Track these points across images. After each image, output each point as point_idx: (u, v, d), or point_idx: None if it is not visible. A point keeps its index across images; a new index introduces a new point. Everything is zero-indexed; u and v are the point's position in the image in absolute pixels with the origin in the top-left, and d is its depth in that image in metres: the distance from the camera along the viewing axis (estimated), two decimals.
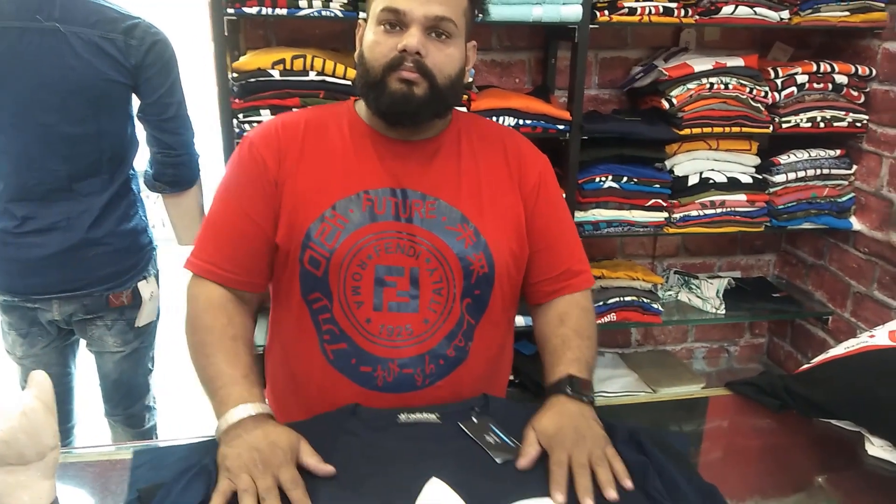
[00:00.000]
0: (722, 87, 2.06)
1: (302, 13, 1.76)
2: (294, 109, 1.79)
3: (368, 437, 1.03)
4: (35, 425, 0.87)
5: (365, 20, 1.17)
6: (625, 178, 2.09)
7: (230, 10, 1.74)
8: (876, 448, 1.10)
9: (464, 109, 1.88)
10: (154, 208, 2.14)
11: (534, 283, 1.26)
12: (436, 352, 1.15)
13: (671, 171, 2.15)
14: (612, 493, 0.90)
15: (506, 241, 1.19)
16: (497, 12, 1.81)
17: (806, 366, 1.27)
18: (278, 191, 1.15)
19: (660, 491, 0.91)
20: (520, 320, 1.32)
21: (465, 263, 1.15)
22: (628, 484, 0.93)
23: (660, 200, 2.13)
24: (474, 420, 1.07)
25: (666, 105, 2.06)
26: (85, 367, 1.93)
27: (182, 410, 2.33)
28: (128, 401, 1.91)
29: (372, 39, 1.11)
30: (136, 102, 1.69)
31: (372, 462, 0.97)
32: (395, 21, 1.09)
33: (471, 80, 1.62)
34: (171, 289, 1.92)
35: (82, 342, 1.86)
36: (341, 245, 1.12)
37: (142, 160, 1.79)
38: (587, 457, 0.95)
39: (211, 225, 1.19)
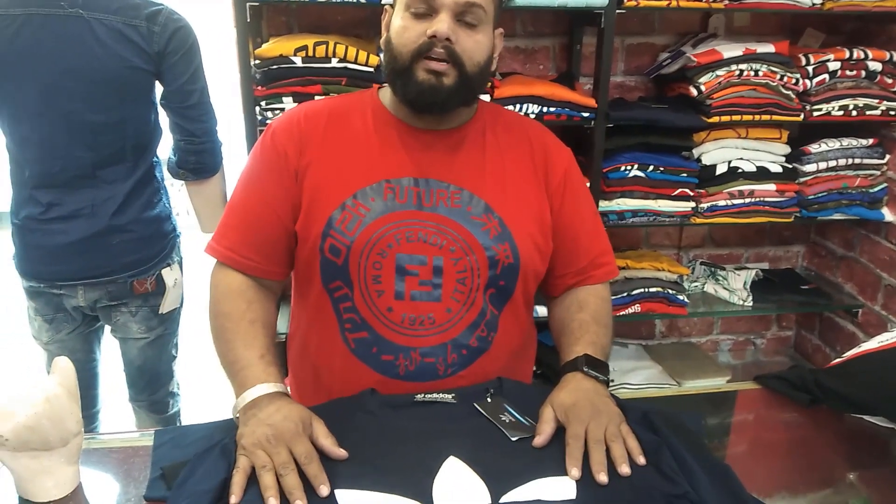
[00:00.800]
0: (752, 73, 2.01)
1: None
2: (316, 97, 1.79)
3: (385, 415, 1.03)
4: (58, 411, 0.87)
5: (392, 6, 1.15)
6: (651, 167, 2.06)
7: None
8: None
9: (487, 97, 1.87)
10: (178, 196, 2.15)
11: (557, 277, 1.26)
12: (458, 341, 1.15)
13: (698, 160, 2.12)
14: (625, 469, 0.91)
15: (530, 233, 1.18)
16: None
17: (838, 360, 1.25)
18: (298, 181, 1.15)
19: (673, 469, 0.91)
20: (543, 311, 1.31)
21: (491, 254, 1.14)
22: (641, 460, 0.93)
23: (687, 190, 2.10)
24: (489, 400, 1.07)
25: (694, 92, 2.03)
26: (110, 353, 1.94)
27: (205, 397, 2.35)
28: (152, 387, 1.93)
29: (400, 25, 1.10)
30: (158, 90, 1.69)
31: (389, 440, 0.98)
32: (424, 7, 1.07)
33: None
34: (194, 276, 1.92)
35: (107, 328, 1.87)
36: (362, 233, 1.12)
37: (165, 148, 1.79)
38: (603, 432, 0.96)
39: (232, 211, 1.20)
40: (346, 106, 1.23)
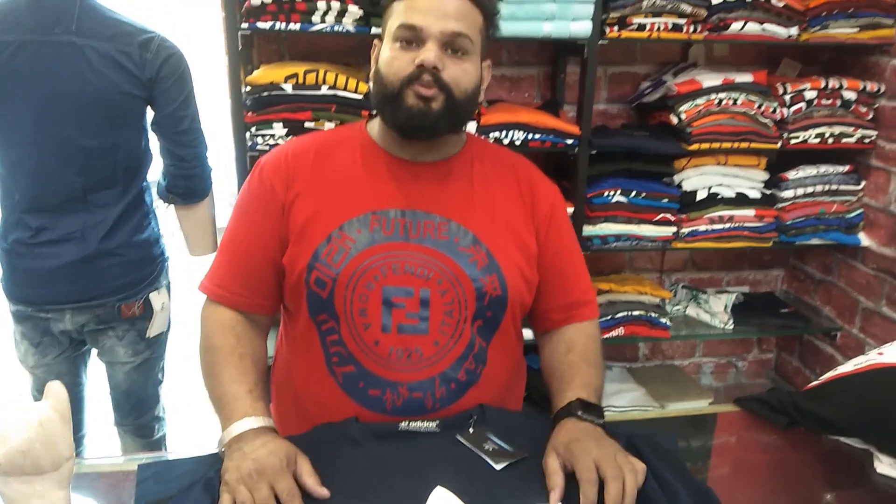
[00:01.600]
0: (731, 102, 2.07)
1: (315, 28, 1.78)
2: (306, 123, 1.81)
3: (370, 445, 1.04)
4: (51, 436, 0.88)
5: (380, 38, 1.17)
6: (633, 193, 2.10)
7: (244, 25, 1.76)
8: (884, 466, 1.10)
9: (473, 124, 1.90)
10: (164, 219, 2.16)
11: (543, 311, 1.26)
12: (447, 375, 1.14)
13: (679, 186, 2.16)
14: None
15: (517, 264, 1.18)
16: (507, 28, 1.82)
17: (815, 382, 1.27)
18: (285, 215, 1.16)
19: (657, 492, 0.92)
20: (528, 334, 1.32)
21: (478, 286, 1.14)
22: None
23: (668, 215, 2.14)
24: (471, 431, 1.08)
25: (674, 120, 2.07)
26: (95, 377, 1.94)
27: (191, 421, 2.34)
28: (138, 411, 1.92)
29: (389, 55, 1.11)
30: (150, 115, 1.71)
31: (375, 471, 0.98)
32: (411, 37, 1.09)
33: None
34: (181, 300, 1.93)
35: (93, 352, 1.87)
36: (347, 265, 1.12)
37: (155, 172, 1.81)
38: (614, 462, 0.93)
39: (224, 248, 1.22)
40: (334, 139, 1.24)
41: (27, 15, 1.53)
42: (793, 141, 2.13)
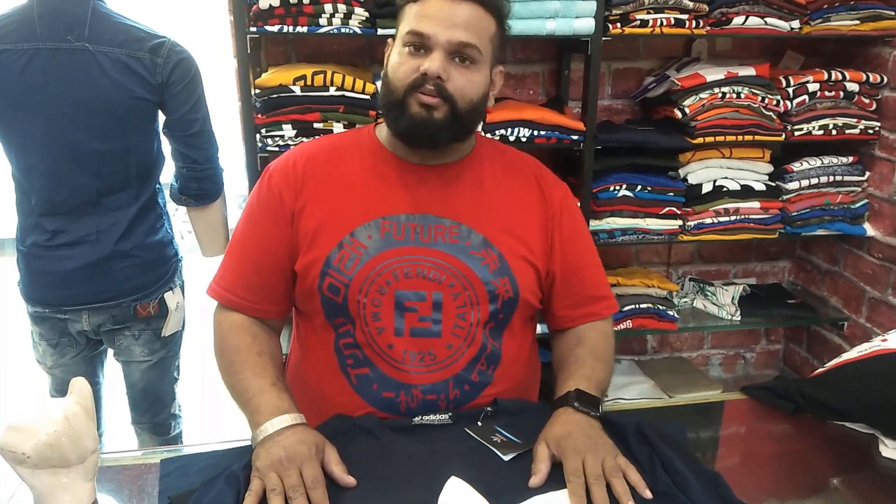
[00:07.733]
0: (734, 96, 2.08)
1: (322, 31, 1.80)
2: (315, 124, 1.84)
3: (387, 437, 1.06)
4: (77, 430, 0.91)
5: (394, 39, 1.17)
6: (639, 187, 2.11)
7: (252, 29, 1.79)
8: (889, 450, 1.12)
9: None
10: (175, 220, 2.18)
11: (557, 310, 1.26)
12: (460, 377, 1.16)
13: (685, 180, 2.17)
14: None
15: (529, 265, 1.19)
16: (511, 26, 1.83)
17: (820, 370, 1.29)
18: (294, 223, 1.17)
19: (668, 484, 0.94)
20: (540, 328, 1.33)
21: (490, 288, 1.15)
22: (647, 494, 0.92)
23: (674, 208, 2.15)
24: (479, 424, 1.10)
25: (678, 114, 2.09)
26: (111, 377, 1.97)
27: (206, 419, 2.37)
28: (154, 409, 1.95)
29: (396, 60, 1.12)
30: (161, 118, 1.74)
31: (391, 462, 1.01)
32: (419, 44, 1.09)
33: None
34: (195, 299, 1.96)
35: (110, 352, 1.90)
36: (360, 271, 1.13)
37: (167, 174, 1.83)
38: (600, 466, 0.94)
39: (232, 253, 1.23)
40: (343, 144, 1.25)
41: (40, 23, 1.55)
42: (797, 133, 2.14)
